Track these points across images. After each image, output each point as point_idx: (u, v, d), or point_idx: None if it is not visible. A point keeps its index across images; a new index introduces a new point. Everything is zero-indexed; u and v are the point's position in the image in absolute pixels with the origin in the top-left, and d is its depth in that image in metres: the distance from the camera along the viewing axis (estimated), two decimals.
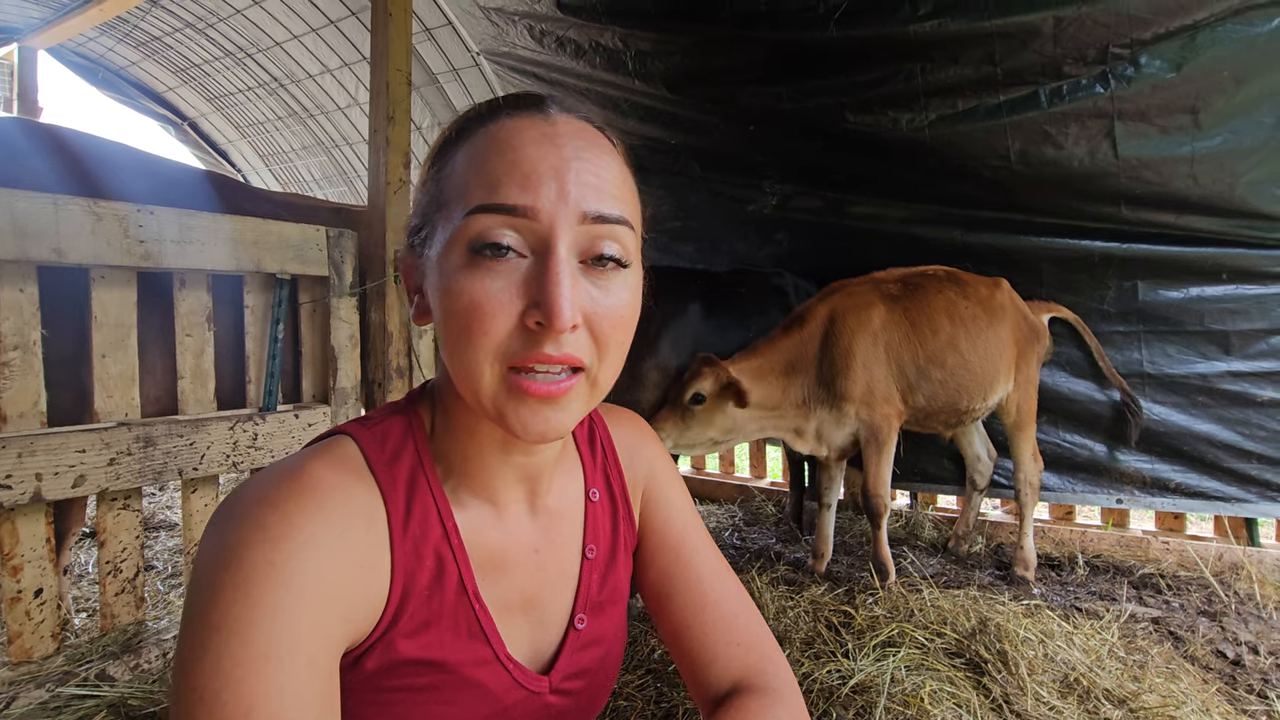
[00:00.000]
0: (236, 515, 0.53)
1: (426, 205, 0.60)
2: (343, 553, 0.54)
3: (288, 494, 0.54)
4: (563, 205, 0.53)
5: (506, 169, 0.54)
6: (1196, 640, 2.05)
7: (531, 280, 0.53)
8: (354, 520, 0.56)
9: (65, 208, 1.59)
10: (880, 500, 2.40)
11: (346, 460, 0.59)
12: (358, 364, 2.22)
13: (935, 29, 2.36)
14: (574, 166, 0.54)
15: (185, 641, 0.49)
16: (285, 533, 0.51)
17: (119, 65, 5.84)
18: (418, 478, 0.62)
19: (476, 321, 0.53)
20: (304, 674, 0.49)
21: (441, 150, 0.60)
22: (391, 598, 0.58)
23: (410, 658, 0.59)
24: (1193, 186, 2.34)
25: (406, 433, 0.63)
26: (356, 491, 0.57)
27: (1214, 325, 2.55)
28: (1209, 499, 2.64)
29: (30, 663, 1.59)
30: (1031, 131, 2.42)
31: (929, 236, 2.89)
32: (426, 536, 0.61)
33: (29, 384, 1.58)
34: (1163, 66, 2.18)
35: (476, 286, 0.53)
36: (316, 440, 0.63)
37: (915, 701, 1.55)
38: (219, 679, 0.47)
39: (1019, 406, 2.60)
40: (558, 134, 0.56)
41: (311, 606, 0.51)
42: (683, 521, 0.79)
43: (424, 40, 3.98)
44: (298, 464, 0.57)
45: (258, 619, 0.48)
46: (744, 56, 2.82)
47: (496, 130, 0.56)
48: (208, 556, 0.52)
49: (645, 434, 0.81)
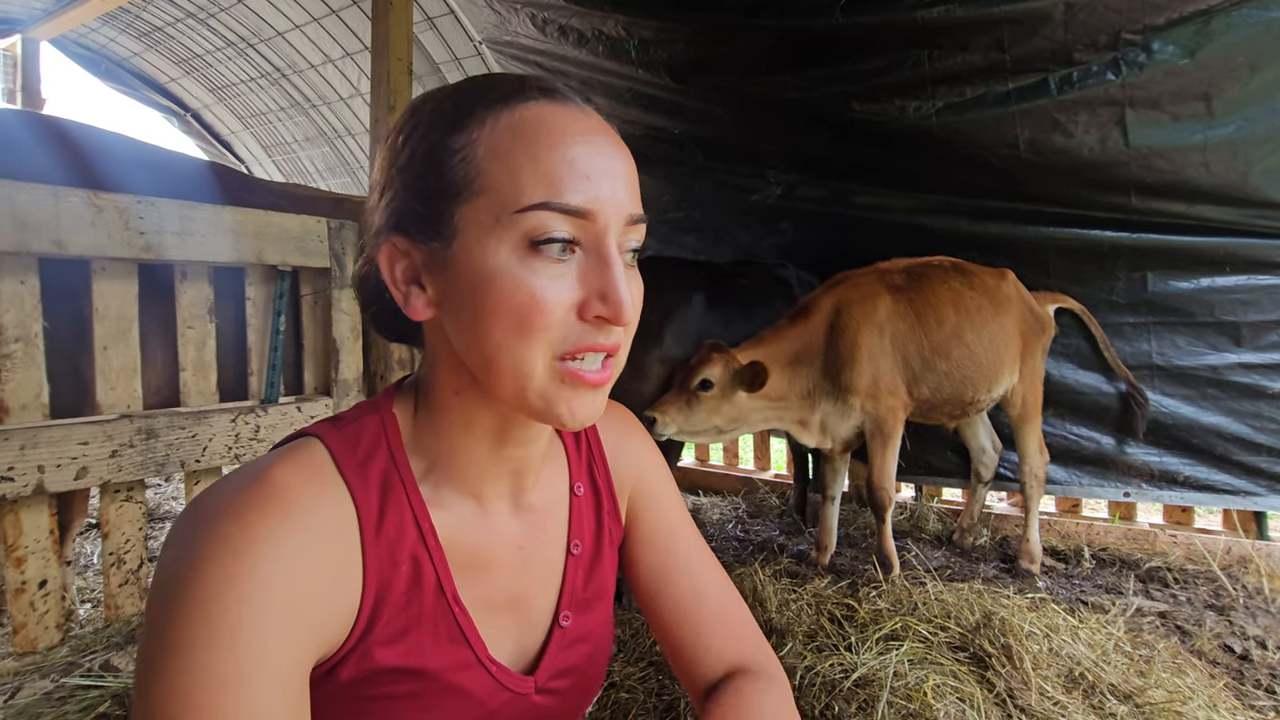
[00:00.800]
0: (195, 527, 0.50)
1: (436, 191, 0.55)
2: (310, 562, 0.51)
3: (250, 503, 0.51)
4: (615, 208, 0.55)
5: (565, 167, 0.53)
6: (1204, 635, 2.03)
7: (588, 274, 0.55)
8: (321, 528, 0.53)
9: (66, 199, 1.59)
10: (885, 493, 2.39)
11: (314, 464, 0.56)
12: (359, 356, 2.22)
13: (943, 15, 2.31)
14: (618, 167, 0.56)
15: (142, 663, 0.46)
16: (246, 544, 0.49)
17: (121, 56, 5.83)
18: (391, 479, 0.59)
19: (537, 315, 0.53)
20: (271, 693, 0.47)
21: (450, 129, 0.55)
22: (364, 605, 0.56)
23: (389, 666, 0.57)
24: (1205, 175, 2.31)
25: (380, 432, 0.61)
26: (324, 497, 0.55)
27: (1224, 316, 2.52)
28: (1218, 492, 2.61)
29: (35, 653, 1.61)
30: (1041, 119, 2.39)
31: (935, 226, 2.85)
32: (401, 539, 0.59)
33: (31, 376, 1.58)
34: (1176, 53, 2.14)
35: (537, 282, 0.53)
36: (285, 441, 0.60)
37: (918, 695, 1.54)
38: (177, 702, 0.44)
39: (1024, 399, 2.57)
40: (595, 130, 0.56)
41: (277, 621, 0.48)
42: (671, 518, 0.79)
43: (426, 29, 3.95)
44: (261, 470, 0.54)
45: (218, 638, 0.46)
46: (748, 45, 2.78)
47: (539, 117, 0.54)
48: (165, 571, 0.49)
49: (633, 427, 0.80)
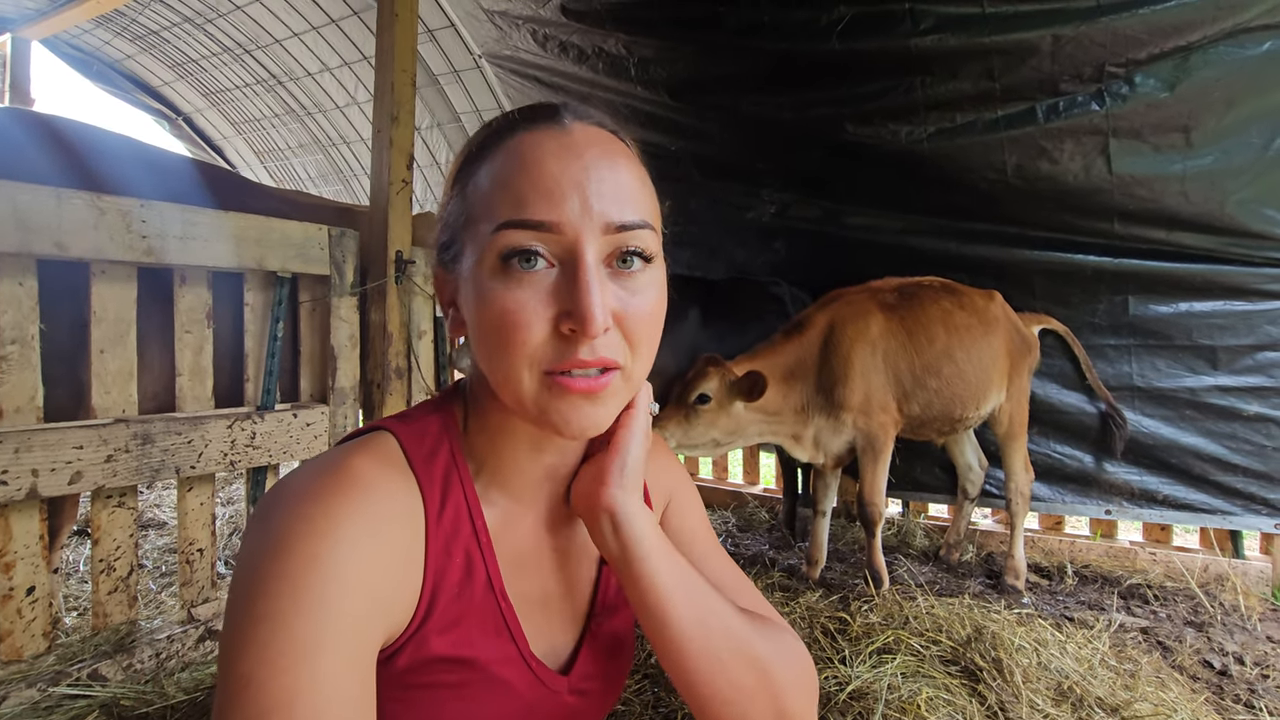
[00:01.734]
0: (282, 508, 0.54)
1: (454, 222, 0.61)
2: (383, 548, 0.55)
3: (331, 488, 0.54)
4: (586, 218, 0.55)
5: (530, 185, 0.55)
6: (1184, 650, 2.08)
7: (561, 288, 0.55)
8: (394, 516, 0.57)
9: (68, 201, 1.58)
10: (876, 508, 2.42)
11: (388, 455, 0.60)
12: (357, 364, 2.21)
13: (936, 43, 2.39)
14: (594, 177, 0.56)
15: (231, 630, 0.50)
16: (329, 527, 0.52)
17: (114, 58, 5.78)
18: (451, 475, 0.63)
19: (511, 329, 0.54)
20: (345, 667, 0.50)
21: (464, 168, 0.62)
22: (424, 594, 0.59)
23: (441, 655, 0.59)
24: (1184, 204, 2.39)
25: (442, 430, 0.65)
26: (397, 487, 0.58)
27: (1202, 340, 2.60)
28: (1195, 511, 2.68)
29: (21, 662, 1.57)
30: (1028, 146, 2.47)
31: (925, 247, 2.92)
32: (457, 533, 0.62)
33: (26, 378, 1.56)
34: (1157, 86, 2.23)
35: (508, 296, 0.55)
36: (355, 435, 0.64)
37: (912, 708, 1.56)
38: (264, 668, 0.47)
39: (1011, 417, 2.63)
40: (575, 144, 0.57)
41: (353, 600, 0.51)
42: (700, 532, 0.81)
43: (426, 41, 3.98)
44: (341, 458, 0.57)
45: (302, 610, 0.49)
46: (746, 66, 2.85)
47: (515, 145, 0.58)
48: (253, 547, 0.53)
49: (663, 449, 0.83)
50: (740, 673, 0.65)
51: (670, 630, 0.63)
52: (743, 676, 0.65)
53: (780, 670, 0.67)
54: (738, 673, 0.65)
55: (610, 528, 0.64)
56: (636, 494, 0.66)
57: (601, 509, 0.64)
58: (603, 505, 0.64)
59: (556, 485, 0.69)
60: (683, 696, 0.66)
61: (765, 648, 0.67)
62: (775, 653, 0.68)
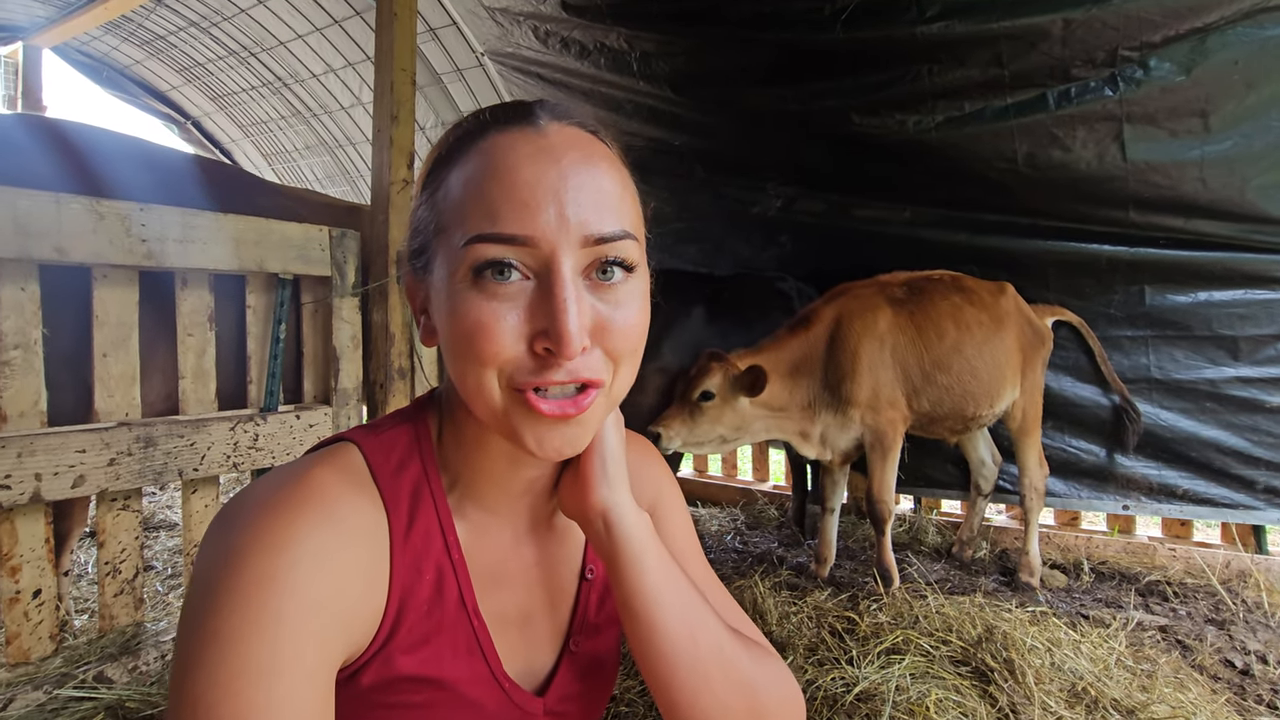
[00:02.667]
0: (238, 521, 0.52)
1: (425, 228, 0.58)
2: (344, 563, 0.53)
3: (291, 501, 0.52)
4: (564, 231, 0.51)
5: (503, 194, 0.52)
6: (1204, 649, 2.03)
7: (537, 305, 0.52)
8: (356, 530, 0.55)
9: (67, 206, 1.58)
10: (884, 505, 2.38)
11: (351, 469, 0.58)
12: (360, 365, 2.21)
13: (943, 31, 2.34)
14: (571, 184, 0.52)
15: (182, 649, 0.48)
16: (287, 541, 0.50)
17: (123, 64, 5.84)
18: (422, 489, 0.61)
19: (484, 344, 0.52)
20: (303, 687, 0.48)
21: (433, 171, 0.58)
22: (388, 611, 0.57)
23: (408, 674, 0.57)
24: (1202, 190, 2.33)
25: (413, 442, 0.62)
26: (360, 501, 0.56)
27: (1222, 330, 2.53)
28: (1216, 506, 2.61)
29: (28, 664, 1.58)
30: (1039, 134, 2.41)
31: (934, 239, 2.87)
32: (428, 549, 0.60)
33: (29, 383, 1.57)
34: (1172, 69, 2.17)
35: (482, 309, 0.52)
36: (321, 445, 0.62)
37: (921, 710, 1.53)
38: (215, 690, 0.45)
39: (1025, 412, 2.58)
40: (552, 147, 0.53)
41: (312, 618, 0.49)
42: (681, 548, 0.76)
43: (428, 40, 3.97)
44: (301, 470, 0.56)
45: (257, 629, 0.47)
46: (749, 58, 2.81)
47: (488, 148, 0.54)
48: (207, 562, 0.51)
49: (653, 457, 0.80)
50: (727, 694, 0.62)
51: (657, 640, 0.60)
52: (730, 698, 0.62)
53: (768, 696, 0.65)
54: (725, 694, 0.62)
55: (604, 529, 0.62)
56: (623, 489, 0.63)
57: (594, 512, 0.62)
58: (594, 508, 0.62)
59: (536, 498, 0.67)
60: (664, 716, 0.63)
61: (755, 671, 0.65)
62: (764, 677, 0.65)
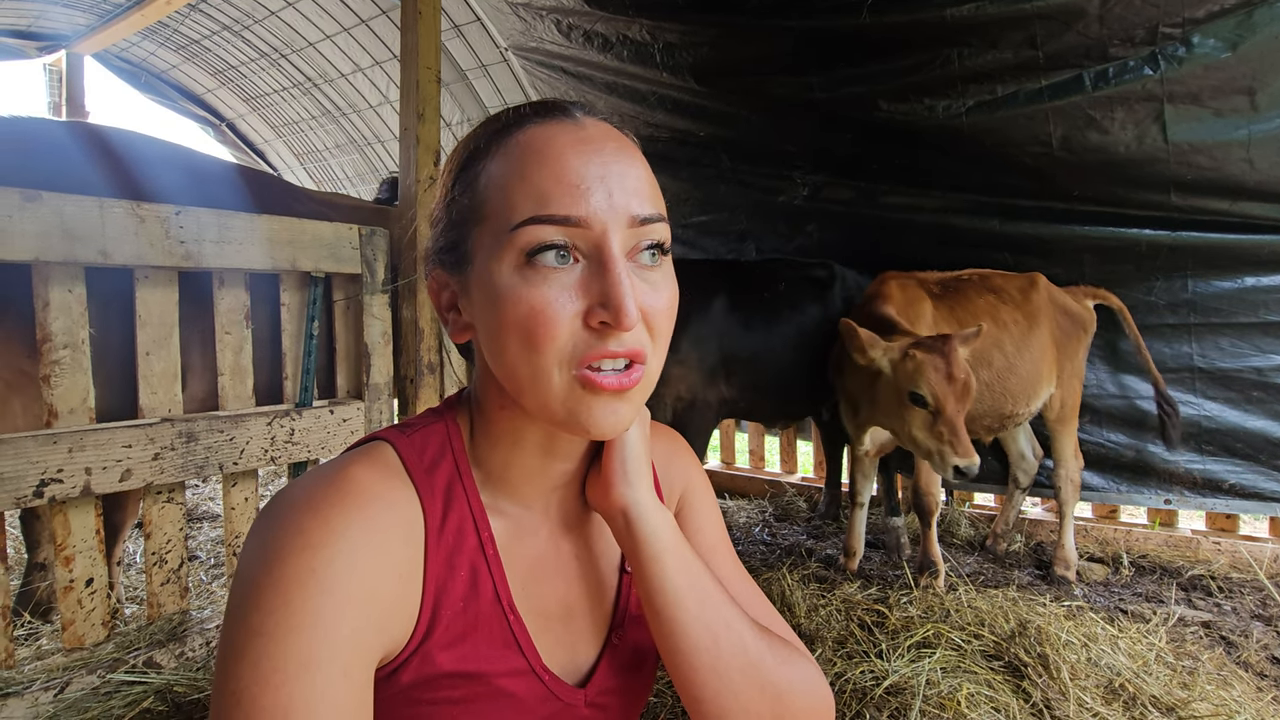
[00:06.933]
0: (278, 519, 0.53)
1: (458, 222, 0.59)
2: (381, 561, 0.54)
3: (329, 499, 0.54)
4: (612, 212, 0.54)
5: (553, 179, 0.54)
6: (1250, 646, 1.97)
7: (590, 282, 0.54)
8: (393, 528, 0.56)
9: (110, 210, 1.64)
10: (932, 498, 2.36)
11: (387, 467, 0.59)
12: (390, 360, 2.25)
13: (973, 12, 2.28)
14: (615, 171, 0.55)
15: (225, 644, 0.50)
16: (325, 539, 0.51)
17: (160, 69, 6.00)
18: (455, 486, 0.62)
19: (541, 327, 0.53)
20: (340, 682, 0.49)
21: (467, 164, 0.59)
22: (424, 608, 0.58)
23: (447, 670, 0.58)
24: (1249, 171, 2.23)
25: (445, 440, 0.63)
26: (397, 499, 0.57)
27: (1270, 316, 2.43)
28: (1265, 500, 2.52)
29: (82, 649, 1.66)
30: (1075, 116, 2.33)
31: (965, 226, 2.81)
32: (461, 546, 0.61)
33: (78, 381, 1.64)
34: (1217, 46, 2.08)
35: (536, 293, 0.53)
36: (356, 445, 0.63)
37: (951, 705, 1.51)
38: (257, 684, 0.47)
39: (1063, 402, 2.53)
40: (591, 138, 0.56)
41: (350, 614, 0.51)
42: (710, 538, 0.77)
43: (453, 37, 4.00)
44: (339, 469, 0.57)
45: (297, 625, 0.48)
46: (773, 46, 2.77)
47: (530, 139, 0.56)
48: (249, 560, 0.52)
49: (681, 449, 0.80)
50: (752, 697, 0.62)
51: (677, 639, 0.61)
52: (754, 701, 0.62)
53: (793, 700, 0.64)
54: (749, 696, 0.62)
55: (624, 526, 0.63)
56: (644, 486, 0.64)
57: (615, 509, 0.63)
58: (615, 505, 0.63)
59: (567, 491, 0.67)
60: (689, 713, 0.63)
61: (782, 673, 0.64)
62: (792, 680, 0.64)
